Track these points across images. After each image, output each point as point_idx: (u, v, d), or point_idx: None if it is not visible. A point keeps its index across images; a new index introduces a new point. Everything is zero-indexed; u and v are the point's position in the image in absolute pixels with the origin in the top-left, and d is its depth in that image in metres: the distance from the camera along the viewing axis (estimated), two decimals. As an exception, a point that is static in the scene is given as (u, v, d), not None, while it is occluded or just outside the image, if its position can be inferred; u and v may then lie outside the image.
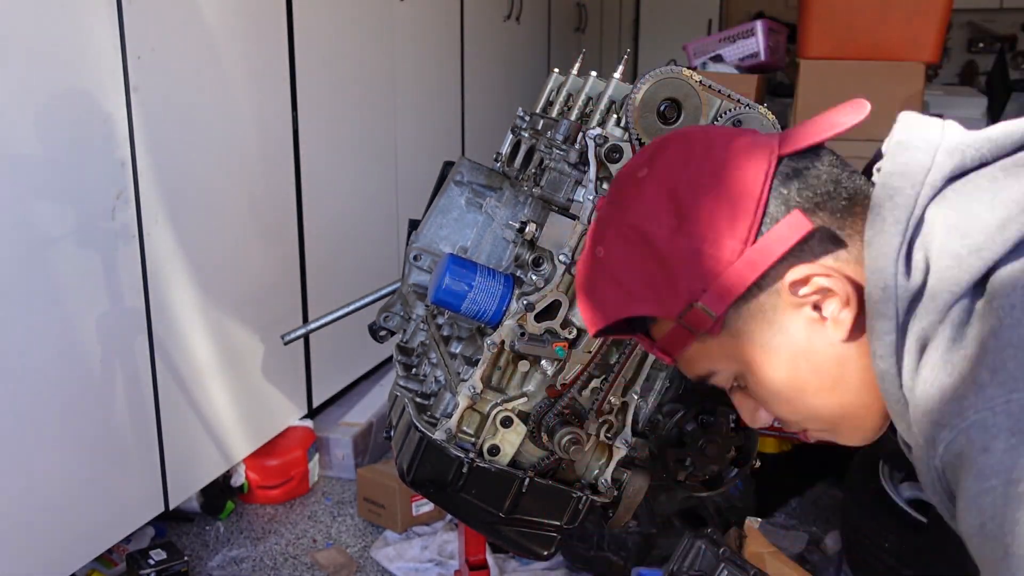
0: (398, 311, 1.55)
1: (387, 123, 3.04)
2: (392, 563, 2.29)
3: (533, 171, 1.33)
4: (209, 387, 2.29)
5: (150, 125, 1.97)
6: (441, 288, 1.19)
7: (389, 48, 2.99)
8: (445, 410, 1.25)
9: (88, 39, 1.81)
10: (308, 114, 2.55)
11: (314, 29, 2.53)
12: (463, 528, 1.75)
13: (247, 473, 2.54)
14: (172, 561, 2.03)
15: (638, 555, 2.13)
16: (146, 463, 2.11)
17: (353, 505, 2.58)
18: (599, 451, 1.24)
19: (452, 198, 1.48)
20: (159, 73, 1.98)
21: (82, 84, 1.81)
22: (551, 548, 1.27)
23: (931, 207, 0.75)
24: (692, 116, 1.18)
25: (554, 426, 1.18)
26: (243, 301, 2.38)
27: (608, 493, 1.24)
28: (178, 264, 2.12)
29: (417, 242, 1.48)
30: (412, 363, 1.46)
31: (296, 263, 2.61)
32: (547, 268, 1.18)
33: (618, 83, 1.24)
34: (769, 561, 1.88)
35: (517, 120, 1.47)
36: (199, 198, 2.19)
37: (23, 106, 1.70)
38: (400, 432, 1.32)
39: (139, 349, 2.05)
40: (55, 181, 1.78)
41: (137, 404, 2.06)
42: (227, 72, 2.24)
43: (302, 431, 2.68)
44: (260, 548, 2.38)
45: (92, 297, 1.90)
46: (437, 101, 3.45)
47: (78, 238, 1.84)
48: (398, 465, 1.29)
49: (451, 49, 3.52)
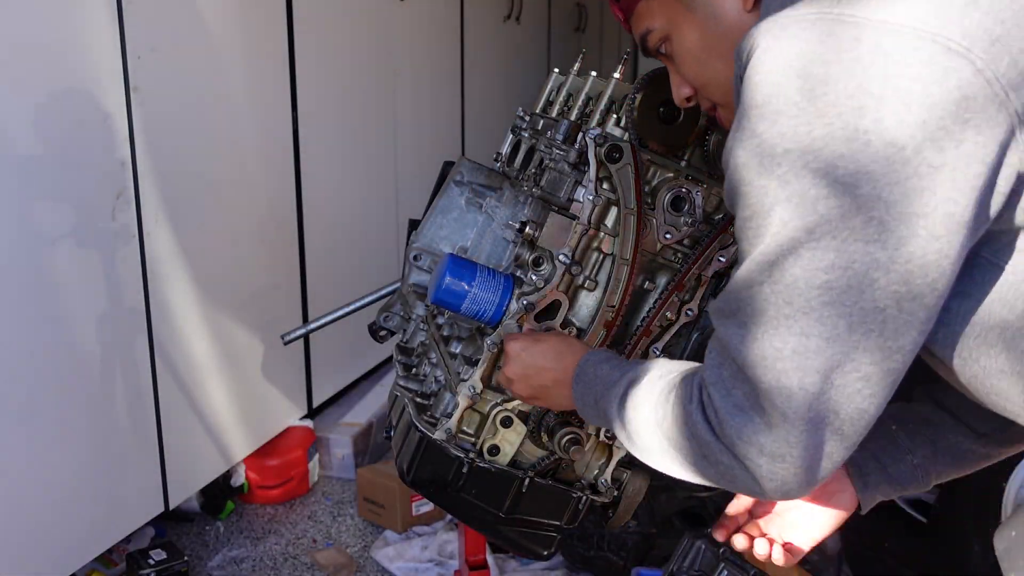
0: (398, 311, 1.55)
1: (387, 123, 3.04)
2: (392, 563, 2.29)
3: (533, 171, 1.33)
4: (209, 387, 2.29)
5: (150, 125, 1.97)
6: (441, 288, 1.19)
7: (389, 48, 2.99)
8: (445, 410, 1.25)
9: (88, 39, 1.81)
10: (308, 114, 2.55)
11: (314, 29, 2.53)
12: (463, 528, 1.76)
13: (247, 473, 2.54)
14: (172, 561, 2.02)
15: (638, 555, 2.13)
16: (146, 463, 2.11)
17: (353, 505, 2.58)
18: (599, 451, 1.24)
19: (452, 198, 1.48)
20: (159, 73, 1.98)
21: (82, 84, 1.81)
22: (551, 548, 1.27)
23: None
24: (691, 116, 1.18)
25: (554, 426, 1.18)
26: (243, 301, 2.38)
27: (608, 493, 1.25)
28: (178, 264, 2.12)
29: (417, 242, 1.48)
30: (412, 363, 1.46)
31: (296, 263, 2.61)
32: (547, 268, 1.18)
33: (618, 83, 1.25)
34: (769, 561, 1.88)
35: (517, 120, 1.47)
36: (199, 198, 2.19)
37: (23, 106, 1.70)
38: (400, 432, 1.32)
39: (139, 349, 2.05)
40: (55, 181, 1.78)
41: (137, 404, 2.06)
42: (227, 72, 2.24)
43: (302, 431, 2.67)
44: (260, 548, 2.38)
45: (92, 297, 1.90)
46: (437, 101, 3.45)
47: (78, 238, 1.84)
48: (398, 465, 1.29)
49: (451, 49, 3.52)
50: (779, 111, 0.73)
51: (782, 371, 0.75)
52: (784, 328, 0.74)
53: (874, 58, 0.71)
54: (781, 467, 0.77)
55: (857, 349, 0.73)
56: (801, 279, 0.73)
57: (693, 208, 1.18)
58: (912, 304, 0.73)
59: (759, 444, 0.77)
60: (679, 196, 1.18)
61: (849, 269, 0.72)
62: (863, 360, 0.74)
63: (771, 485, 0.79)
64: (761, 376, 0.76)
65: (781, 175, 0.73)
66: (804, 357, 0.74)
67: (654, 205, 1.18)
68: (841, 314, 0.73)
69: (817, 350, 0.74)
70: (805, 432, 0.75)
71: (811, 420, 0.75)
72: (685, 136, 1.19)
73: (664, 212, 1.18)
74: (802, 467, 0.77)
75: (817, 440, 0.76)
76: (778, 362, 0.75)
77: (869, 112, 0.70)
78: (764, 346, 0.76)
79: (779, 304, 0.75)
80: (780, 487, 0.79)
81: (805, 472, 0.77)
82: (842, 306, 0.73)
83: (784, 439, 0.76)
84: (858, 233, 0.71)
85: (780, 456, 0.77)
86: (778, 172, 0.73)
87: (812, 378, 0.74)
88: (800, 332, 0.74)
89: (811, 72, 0.72)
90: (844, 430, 0.76)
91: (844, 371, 0.74)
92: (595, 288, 1.19)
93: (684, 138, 1.19)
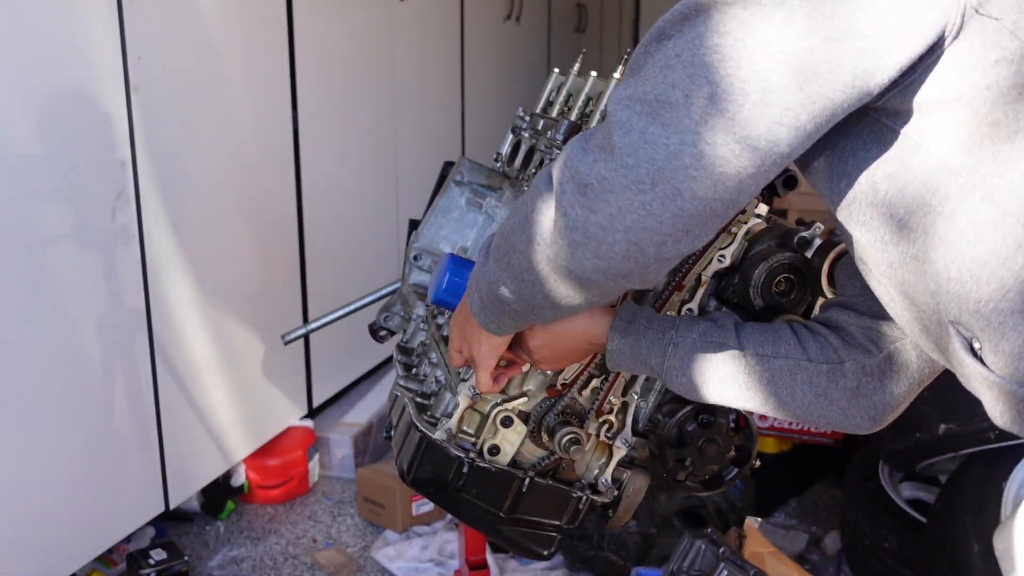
0: (398, 311, 1.55)
1: (387, 123, 3.04)
2: (392, 563, 2.29)
3: (533, 171, 1.33)
4: (209, 387, 2.29)
5: (150, 125, 1.97)
6: (441, 288, 1.19)
7: (389, 48, 2.99)
8: (445, 410, 1.26)
9: (88, 39, 1.81)
10: (308, 114, 2.55)
11: (314, 29, 2.53)
12: (463, 528, 1.76)
13: (247, 473, 2.54)
14: (172, 561, 2.02)
15: (638, 555, 2.13)
16: (146, 463, 2.11)
17: (353, 505, 2.58)
18: (599, 451, 1.25)
19: (452, 198, 1.48)
20: (159, 73, 1.98)
21: (82, 84, 1.81)
22: (551, 548, 1.27)
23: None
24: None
25: (554, 426, 1.18)
26: (243, 301, 2.39)
27: (608, 493, 1.25)
28: (178, 264, 2.12)
29: (417, 242, 1.48)
30: (412, 363, 1.46)
31: (296, 263, 2.61)
32: (547, 268, 1.18)
33: (618, 83, 1.24)
34: (769, 561, 1.88)
35: (517, 120, 1.47)
36: (199, 198, 2.19)
37: (23, 106, 1.70)
38: (400, 432, 1.32)
39: (139, 349, 2.05)
40: (55, 181, 1.78)
41: (137, 404, 2.06)
42: (227, 72, 2.24)
43: (302, 431, 2.68)
44: (260, 548, 2.39)
45: (92, 297, 1.90)
46: (437, 101, 3.45)
47: (78, 238, 1.84)
48: (398, 465, 1.29)
49: (451, 49, 3.52)
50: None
51: (637, 112, 0.74)
52: (660, 76, 0.74)
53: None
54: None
55: (706, 122, 0.72)
56: (703, 34, 0.73)
57: (693, 208, 1.18)
58: (775, 96, 0.72)
59: (588, 163, 0.77)
60: (679, 196, 1.18)
61: (741, 41, 0.71)
62: (707, 137, 0.73)
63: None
64: (614, 110, 0.76)
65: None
66: (661, 107, 0.74)
67: (654, 205, 1.17)
68: (711, 79, 0.72)
69: (674, 103, 0.73)
70: (626, 168, 0.74)
71: (643, 167, 0.74)
72: (685, 136, 1.19)
73: (664, 212, 1.17)
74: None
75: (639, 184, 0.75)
76: (638, 104, 0.75)
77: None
78: (634, 88, 0.75)
79: (669, 55, 0.74)
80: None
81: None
82: (716, 71, 0.72)
83: (615, 167, 0.75)
84: (768, 10, 0.71)
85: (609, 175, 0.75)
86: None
87: (656, 129, 0.73)
88: (671, 83, 0.74)
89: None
90: (652, 207, 0.75)
91: (686, 141, 0.73)
92: (595, 288, 1.19)
93: (684, 138, 1.19)
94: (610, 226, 0.76)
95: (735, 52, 0.72)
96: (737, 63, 0.72)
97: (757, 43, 0.71)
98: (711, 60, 0.72)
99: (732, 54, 0.72)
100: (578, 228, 0.78)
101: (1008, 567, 0.99)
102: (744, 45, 0.72)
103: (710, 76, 0.72)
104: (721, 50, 0.72)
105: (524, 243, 0.86)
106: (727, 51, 0.72)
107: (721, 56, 0.72)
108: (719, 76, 0.72)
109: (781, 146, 0.73)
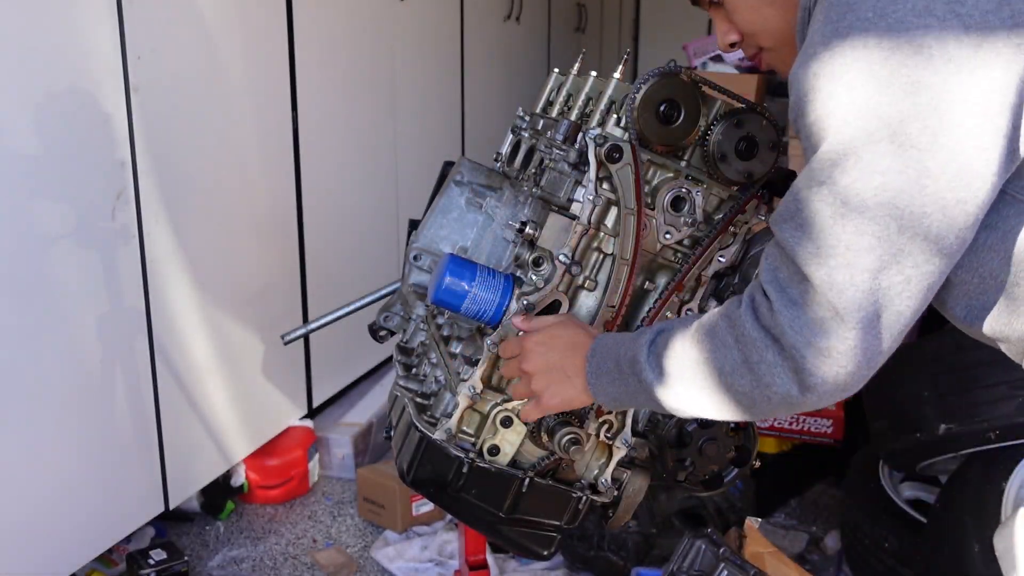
0: (398, 311, 1.55)
1: (387, 123, 3.04)
2: (392, 563, 2.29)
3: (533, 171, 1.33)
4: (209, 387, 2.29)
5: (150, 125, 1.97)
6: (441, 288, 1.19)
7: (389, 48, 2.99)
8: (445, 410, 1.25)
9: (88, 39, 1.81)
10: (308, 114, 2.55)
11: (314, 29, 2.53)
12: (463, 528, 1.75)
13: (247, 473, 2.54)
14: (172, 561, 2.03)
15: (638, 555, 2.13)
16: (146, 463, 2.11)
17: (353, 505, 2.58)
18: (599, 451, 1.24)
19: (452, 198, 1.48)
20: (159, 73, 1.98)
21: (82, 84, 1.81)
22: (551, 548, 1.27)
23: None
24: (692, 116, 1.18)
25: (554, 426, 1.18)
26: (243, 301, 2.38)
27: (608, 493, 1.24)
28: (178, 264, 2.12)
29: (417, 242, 1.48)
30: (412, 363, 1.46)
31: (296, 263, 2.61)
32: (547, 268, 1.18)
33: (618, 83, 1.24)
34: (769, 561, 1.88)
35: (517, 120, 1.47)
36: (199, 198, 2.19)
37: (23, 106, 1.70)
38: (400, 432, 1.32)
39: (139, 349, 2.05)
40: (55, 181, 1.78)
41: (137, 404, 2.06)
42: (227, 72, 2.24)
43: (302, 431, 2.68)
44: (260, 548, 2.38)
45: (92, 297, 1.90)
46: (437, 101, 3.45)
47: (78, 238, 1.84)
48: (398, 465, 1.29)
49: (451, 49, 3.51)
50: (851, 26, 0.78)
51: (835, 267, 0.79)
52: (839, 226, 0.79)
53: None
54: (825, 363, 0.80)
55: (903, 251, 0.78)
56: (858, 179, 0.78)
57: (693, 208, 1.18)
58: (955, 210, 0.77)
59: (808, 336, 0.80)
60: (679, 196, 1.18)
61: (903, 173, 0.76)
62: (907, 263, 0.78)
63: (811, 381, 0.81)
64: (815, 271, 0.80)
65: (848, 81, 0.78)
66: (856, 254, 0.78)
67: (654, 205, 1.18)
68: (892, 215, 0.77)
69: (868, 248, 0.78)
70: (854, 330, 0.79)
71: (861, 320, 0.78)
72: (685, 136, 1.19)
73: (664, 212, 1.18)
74: (845, 366, 0.80)
75: (863, 341, 0.79)
76: (831, 258, 0.79)
77: (933, 30, 0.76)
78: (820, 243, 0.80)
79: (836, 204, 0.79)
80: (819, 385, 0.81)
81: (846, 373, 0.80)
82: (894, 207, 0.77)
83: (835, 333, 0.79)
84: (914, 139, 0.76)
85: (827, 351, 0.80)
86: (846, 79, 0.78)
87: (862, 276, 0.78)
88: (854, 231, 0.78)
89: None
90: (883, 334, 0.80)
91: (890, 272, 0.78)
92: (595, 288, 1.19)
93: (684, 138, 1.19)
94: (803, 369, 0.82)
95: (904, 184, 0.78)
96: (910, 193, 0.78)
97: (918, 169, 0.77)
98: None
99: (902, 186, 0.78)
100: (762, 379, 0.85)
101: (1008, 567, 0.99)
102: (908, 175, 0.78)
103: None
104: (891, 186, 0.79)
105: (686, 369, 0.92)
106: (897, 185, 0.78)
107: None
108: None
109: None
